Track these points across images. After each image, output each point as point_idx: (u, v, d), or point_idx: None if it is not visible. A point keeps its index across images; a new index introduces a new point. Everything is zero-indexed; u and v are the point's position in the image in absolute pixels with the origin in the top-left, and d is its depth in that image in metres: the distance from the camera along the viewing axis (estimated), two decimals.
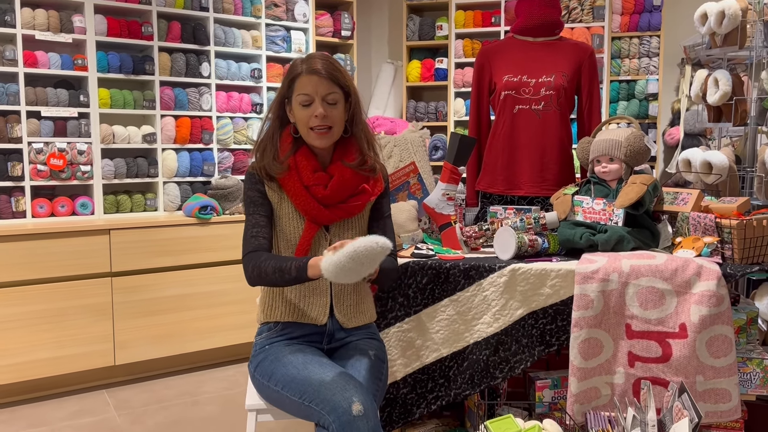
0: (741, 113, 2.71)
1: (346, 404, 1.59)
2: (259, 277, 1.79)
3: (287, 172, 1.85)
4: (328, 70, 1.81)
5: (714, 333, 1.95)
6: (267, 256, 1.80)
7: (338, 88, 1.83)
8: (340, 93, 1.84)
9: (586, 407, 2.02)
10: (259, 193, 1.88)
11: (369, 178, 1.92)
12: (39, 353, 3.16)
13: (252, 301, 3.65)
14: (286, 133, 1.90)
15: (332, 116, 1.83)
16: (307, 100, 1.81)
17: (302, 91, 1.82)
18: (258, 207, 1.87)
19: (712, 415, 1.98)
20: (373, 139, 1.96)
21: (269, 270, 1.76)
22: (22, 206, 3.36)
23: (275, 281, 1.77)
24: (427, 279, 2.15)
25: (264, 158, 1.87)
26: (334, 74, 1.82)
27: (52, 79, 3.52)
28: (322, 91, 1.81)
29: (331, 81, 1.82)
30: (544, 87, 2.64)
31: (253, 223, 1.87)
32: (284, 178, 1.86)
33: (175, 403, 3.20)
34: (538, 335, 2.11)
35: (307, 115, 1.82)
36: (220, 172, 3.96)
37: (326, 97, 1.81)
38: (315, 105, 1.81)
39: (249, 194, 1.89)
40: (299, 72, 1.83)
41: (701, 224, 2.12)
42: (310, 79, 1.81)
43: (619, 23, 4.70)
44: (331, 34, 4.42)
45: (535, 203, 2.68)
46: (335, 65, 1.85)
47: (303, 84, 1.82)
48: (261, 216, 1.87)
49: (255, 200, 1.88)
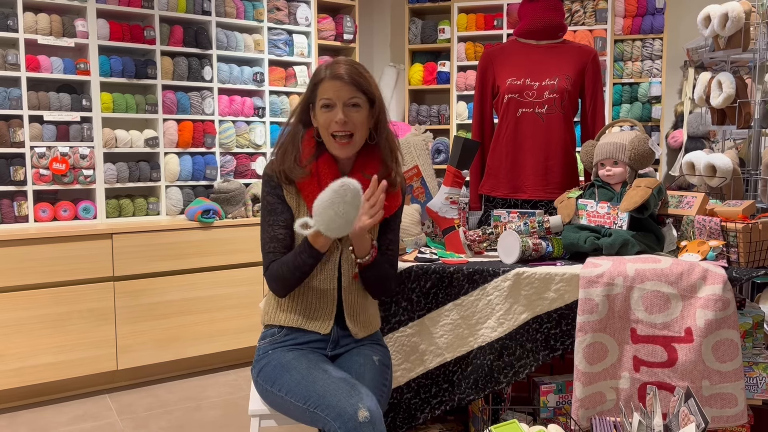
0: (745, 116, 2.70)
1: (352, 410, 1.58)
2: (285, 286, 1.82)
3: (308, 177, 1.82)
4: (351, 75, 1.79)
5: (720, 337, 1.94)
6: (278, 266, 1.81)
7: (361, 94, 1.80)
8: (363, 98, 1.81)
9: (591, 412, 2.01)
10: (278, 198, 1.85)
11: (389, 193, 1.85)
12: (41, 358, 3.16)
13: (255, 306, 3.65)
14: (309, 137, 1.87)
15: (354, 121, 1.79)
16: (328, 104, 1.79)
17: (324, 96, 1.79)
18: (277, 216, 1.84)
19: (718, 420, 1.97)
20: (397, 150, 1.91)
21: (287, 275, 1.79)
22: (24, 211, 3.36)
23: (300, 277, 1.80)
24: (430, 283, 2.14)
25: (285, 161, 1.83)
26: (357, 80, 1.79)
27: (54, 83, 3.52)
28: (344, 97, 1.78)
29: (353, 86, 1.79)
30: (547, 90, 2.63)
31: (271, 236, 1.84)
32: (304, 183, 1.82)
33: (178, 407, 3.19)
34: (543, 340, 2.10)
35: (328, 119, 1.79)
36: (223, 175, 3.95)
37: (348, 102, 1.78)
38: (336, 110, 1.78)
39: (268, 199, 1.86)
40: (322, 77, 1.81)
41: (706, 228, 2.11)
42: (332, 84, 1.79)
43: (622, 26, 4.70)
44: (333, 38, 4.42)
45: (538, 207, 2.67)
46: (359, 71, 1.82)
47: (325, 89, 1.80)
48: (279, 227, 1.84)
49: (274, 207, 1.85)
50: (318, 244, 1.75)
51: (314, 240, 1.75)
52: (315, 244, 1.75)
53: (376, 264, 1.85)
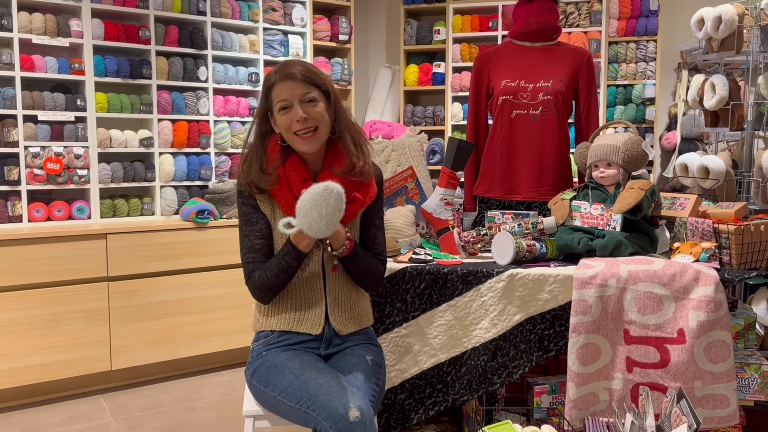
0: (738, 118, 2.71)
1: (343, 410, 1.59)
2: (270, 290, 1.83)
3: (277, 183, 1.83)
4: (301, 72, 1.80)
5: (712, 338, 1.95)
6: (260, 273, 1.83)
7: (315, 89, 1.81)
8: (318, 92, 1.81)
9: (584, 413, 2.02)
10: (252, 208, 1.86)
11: (360, 184, 1.87)
12: (35, 358, 3.15)
13: (249, 306, 3.64)
14: (273, 143, 1.87)
15: (314, 116, 1.80)
16: (285, 106, 1.80)
17: (280, 98, 1.80)
18: (252, 225, 1.86)
19: (710, 421, 1.98)
20: (362, 139, 1.91)
21: (272, 279, 1.81)
22: (18, 210, 3.35)
23: (285, 280, 1.82)
24: (425, 284, 2.14)
25: (251, 173, 1.84)
26: (308, 75, 1.80)
27: (49, 83, 3.51)
28: (299, 94, 1.79)
29: (306, 83, 1.79)
30: (541, 92, 2.64)
31: (248, 247, 1.86)
32: (274, 189, 1.84)
33: (172, 408, 3.19)
34: (536, 341, 2.10)
35: (288, 120, 1.79)
36: (218, 176, 3.95)
37: (304, 99, 1.79)
38: (294, 109, 1.79)
39: (242, 210, 1.88)
40: (274, 81, 1.82)
41: (699, 229, 2.12)
42: (285, 85, 1.79)
43: (616, 28, 4.71)
44: (328, 39, 4.43)
45: (532, 208, 2.68)
46: (308, 67, 1.83)
47: (279, 91, 1.80)
48: (255, 237, 1.86)
49: (249, 218, 1.86)
50: (302, 245, 1.77)
51: (298, 241, 1.77)
52: (299, 245, 1.77)
53: (354, 255, 1.86)
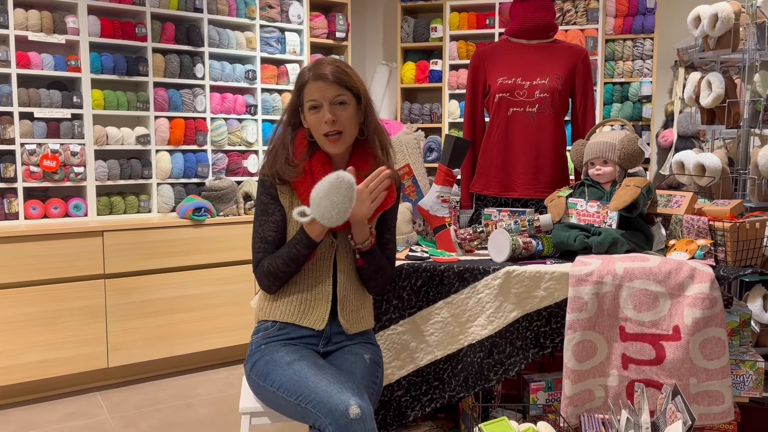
0: (734, 116, 2.72)
1: (343, 407, 1.59)
2: (277, 278, 1.84)
3: (302, 175, 1.84)
4: (334, 73, 1.80)
5: (707, 335, 1.96)
6: (269, 260, 1.84)
7: (347, 91, 1.81)
8: (349, 95, 1.82)
9: (580, 410, 2.02)
10: (272, 198, 1.87)
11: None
12: (31, 355, 3.15)
13: (246, 303, 3.65)
14: (300, 137, 1.88)
15: (342, 119, 1.81)
16: (315, 105, 1.81)
17: (310, 98, 1.81)
18: (269, 216, 1.87)
19: (705, 418, 1.99)
20: (388, 144, 1.93)
21: (281, 267, 1.82)
22: (14, 208, 3.35)
23: (294, 269, 1.83)
24: (421, 281, 2.15)
25: (276, 163, 1.85)
26: (341, 77, 1.80)
27: (45, 80, 3.50)
28: (330, 96, 1.80)
29: (338, 85, 1.80)
30: (538, 89, 2.64)
31: (261, 237, 1.87)
32: (298, 181, 1.84)
33: (169, 405, 3.19)
34: (533, 338, 2.11)
35: (317, 121, 1.81)
36: (214, 173, 3.95)
37: (334, 101, 1.80)
38: (323, 111, 1.80)
39: (261, 199, 1.88)
40: (306, 79, 1.82)
41: (695, 227, 2.13)
42: (316, 85, 1.80)
43: (613, 25, 4.72)
44: (325, 36, 4.42)
45: (529, 205, 2.68)
46: (342, 68, 1.83)
47: (311, 90, 1.81)
48: (270, 229, 1.86)
49: (267, 208, 1.87)
50: (314, 234, 1.79)
51: (310, 229, 1.78)
52: (311, 233, 1.79)
53: (374, 252, 1.88)
